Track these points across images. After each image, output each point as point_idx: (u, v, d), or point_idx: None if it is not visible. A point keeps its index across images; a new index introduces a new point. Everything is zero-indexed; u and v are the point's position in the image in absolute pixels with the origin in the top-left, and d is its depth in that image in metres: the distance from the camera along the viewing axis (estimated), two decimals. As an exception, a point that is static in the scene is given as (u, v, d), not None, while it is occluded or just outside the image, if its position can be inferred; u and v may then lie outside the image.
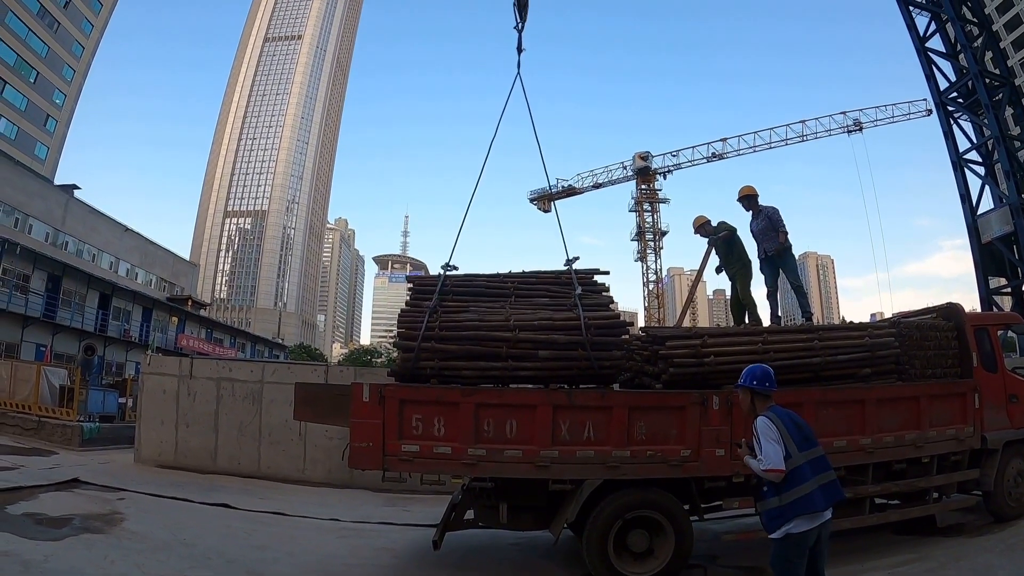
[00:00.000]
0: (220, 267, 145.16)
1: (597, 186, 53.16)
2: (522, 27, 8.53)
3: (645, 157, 52.31)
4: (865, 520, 6.55)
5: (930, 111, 36.31)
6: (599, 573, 5.80)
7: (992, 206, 20.42)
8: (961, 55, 20.85)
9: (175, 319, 42.20)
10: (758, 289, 8.84)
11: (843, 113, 48.23)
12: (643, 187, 53.56)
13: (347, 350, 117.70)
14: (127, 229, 47.18)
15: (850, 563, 6.13)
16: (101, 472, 11.39)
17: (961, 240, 24.96)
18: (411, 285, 7.04)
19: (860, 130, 48.02)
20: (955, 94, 21.33)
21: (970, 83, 20.41)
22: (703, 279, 11.39)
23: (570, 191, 52.35)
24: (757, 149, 49.73)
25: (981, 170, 20.72)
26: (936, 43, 21.67)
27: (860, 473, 6.59)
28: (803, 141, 49.17)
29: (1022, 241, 18.99)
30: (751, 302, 8.66)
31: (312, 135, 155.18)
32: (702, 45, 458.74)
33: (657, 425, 6.01)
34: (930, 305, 8.57)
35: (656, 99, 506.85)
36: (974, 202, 20.79)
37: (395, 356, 7.00)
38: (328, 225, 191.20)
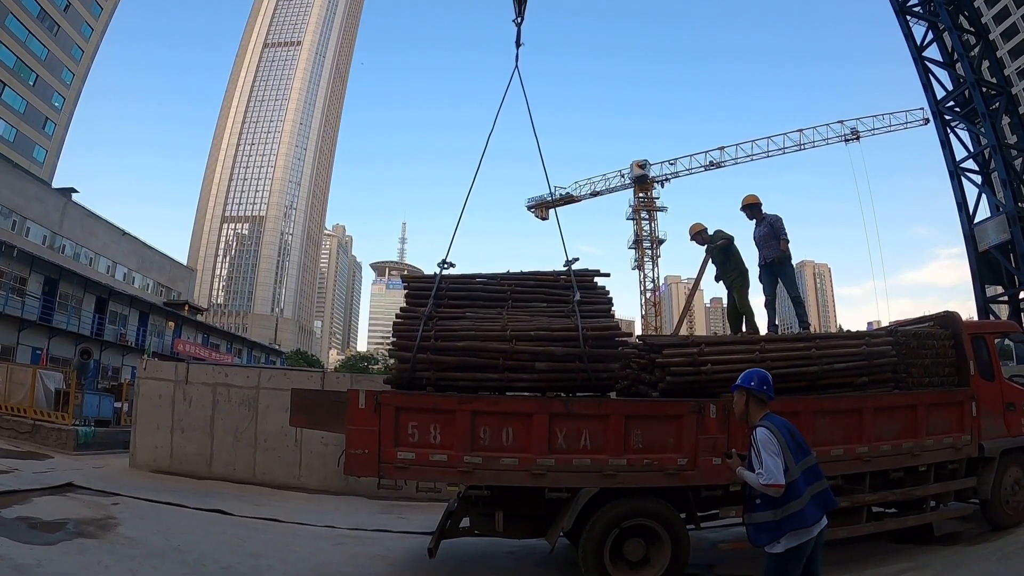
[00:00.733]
0: (217, 272, 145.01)
1: (595, 194, 53.41)
2: (521, 20, 8.49)
3: (643, 165, 52.56)
4: (862, 529, 6.53)
5: (927, 120, 36.64)
6: (595, 582, 5.75)
7: (989, 215, 20.48)
8: (958, 64, 20.93)
9: (172, 324, 42.12)
10: (755, 297, 8.86)
11: (840, 122, 48.71)
12: (641, 195, 53.80)
13: (344, 356, 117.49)
14: (124, 233, 47.14)
15: (847, 572, 6.12)
16: (96, 477, 11.32)
17: (958, 249, 25.09)
18: (407, 284, 6.95)
19: (857, 139, 48.35)
20: (952, 103, 21.44)
21: (967, 92, 20.51)
22: (700, 287, 11.38)
23: (568, 199, 52.47)
24: (755, 158, 50.07)
25: (978, 179, 20.82)
26: (933, 52, 21.80)
27: (857, 482, 6.57)
28: (800, 150, 49.58)
29: (1019, 249, 19.01)
30: (748, 310, 8.65)
31: (310, 141, 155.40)
32: (701, 54, 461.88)
33: (654, 433, 5.99)
34: (927, 313, 8.60)
35: (654, 108, 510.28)
36: (971, 211, 20.88)
37: (391, 363, 6.97)
38: (326, 231, 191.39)
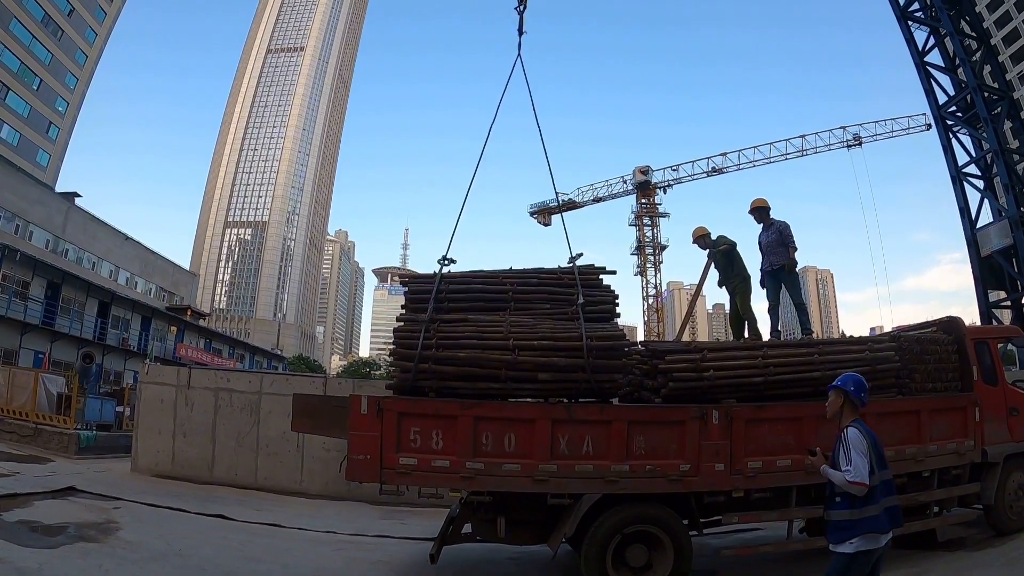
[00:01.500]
0: (220, 277, 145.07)
1: (597, 200, 53.32)
2: (523, 7, 8.46)
3: (645, 171, 52.47)
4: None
5: (929, 126, 36.56)
6: (597, 588, 5.73)
7: (991, 219, 20.48)
8: (960, 69, 20.94)
9: (174, 329, 42.14)
10: (758, 303, 8.80)
11: (843, 128, 48.56)
12: (643, 201, 53.70)
13: (346, 362, 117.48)
14: (127, 238, 47.20)
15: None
16: (97, 481, 11.34)
17: (960, 254, 25.02)
18: (406, 284, 6.92)
19: (860, 145, 48.28)
20: (954, 108, 21.43)
21: (969, 97, 20.51)
22: (702, 293, 11.35)
23: (570, 205, 52.37)
24: (757, 164, 49.96)
25: (980, 184, 20.77)
26: (935, 57, 21.84)
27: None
28: (803, 156, 49.44)
29: (1021, 254, 19.00)
30: (751, 316, 8.59)
31: (313, 147, 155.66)
32: (703, 58, 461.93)
33: (656, 439, 5.98)
34: (930, 319, 8.56)
35: (657, 113, 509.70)
36: (973, 215, 20.83)
37: (393, 369, 6.95)
38: (328, 237, 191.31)
